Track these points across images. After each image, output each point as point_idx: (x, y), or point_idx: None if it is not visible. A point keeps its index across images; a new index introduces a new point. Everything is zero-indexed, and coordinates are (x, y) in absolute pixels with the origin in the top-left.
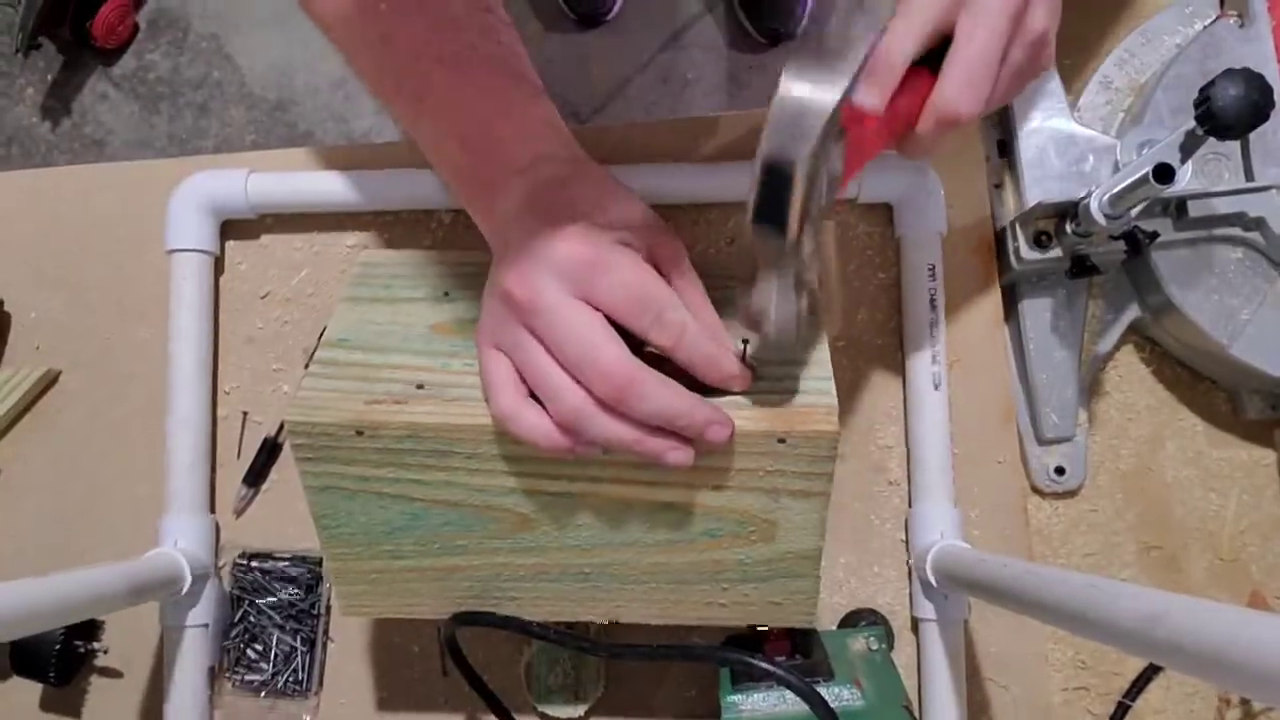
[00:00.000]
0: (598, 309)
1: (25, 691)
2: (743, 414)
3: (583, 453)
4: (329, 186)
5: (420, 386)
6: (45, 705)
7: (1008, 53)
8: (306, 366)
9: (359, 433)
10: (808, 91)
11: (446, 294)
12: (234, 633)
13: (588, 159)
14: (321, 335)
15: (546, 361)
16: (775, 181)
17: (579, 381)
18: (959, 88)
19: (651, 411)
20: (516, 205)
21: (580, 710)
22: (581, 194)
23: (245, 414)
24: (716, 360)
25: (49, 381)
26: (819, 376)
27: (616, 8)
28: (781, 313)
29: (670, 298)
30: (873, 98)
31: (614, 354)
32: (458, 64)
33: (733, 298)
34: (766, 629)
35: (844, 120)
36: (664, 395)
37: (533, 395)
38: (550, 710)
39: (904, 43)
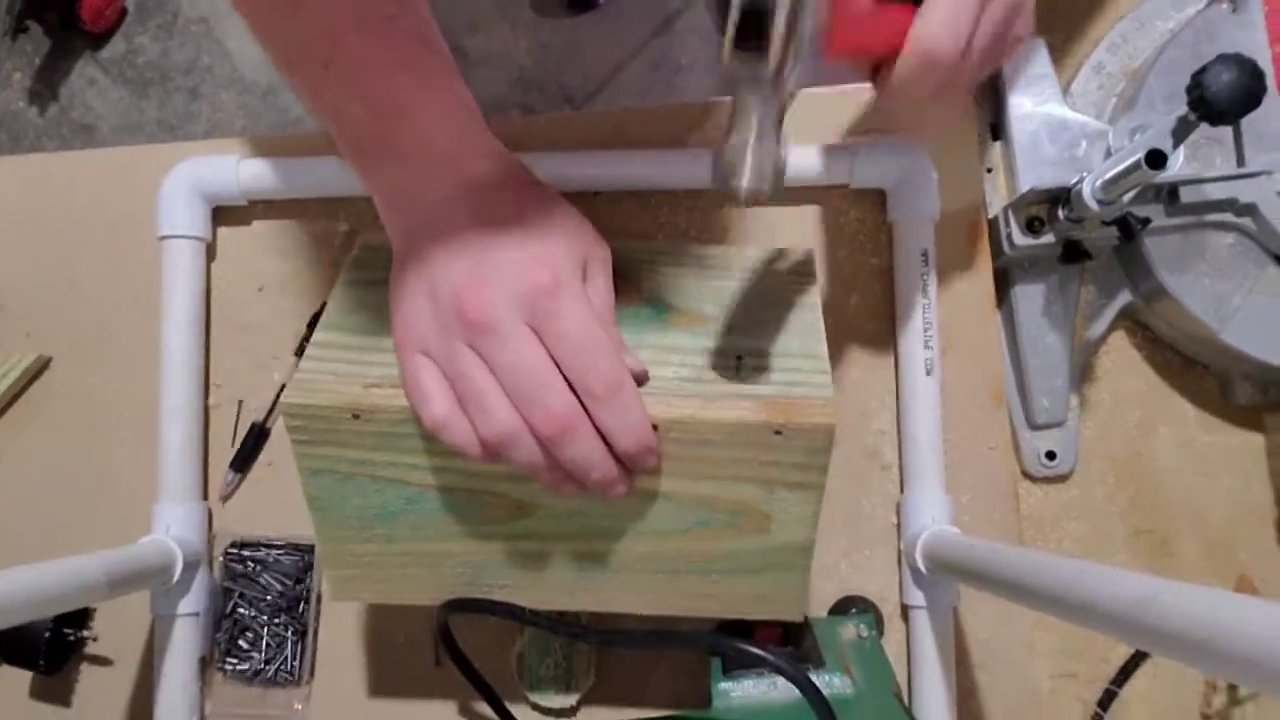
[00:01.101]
0: (544, 344)
1: (14, 679)
2: (739, 405)
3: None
4: (321, 172)
5: None
6: (35, 693)
7: (987, 1)
8: (297, 353)
9: (355, 416)
10: None
11: None
12: (225, 621)
13: (513, 156)
14: (312, 322)
15: (485, 380)
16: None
17: (518, 409)
18: (939, 21)
19: (576, 458)
20: (450, 198)
21: (572, 700)
22: (529, 204)
23: (240, 402)
24: (639, 426)
25: (40, 368)
26: (816, 369)
27: None
28: (758, 158)
29: (613, 350)
30: None
31: (561, 396)
32: (373, 31)
33: (722, 289)
34: None
35: None
36: (592, 446)
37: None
38: (541, 700)
39: None
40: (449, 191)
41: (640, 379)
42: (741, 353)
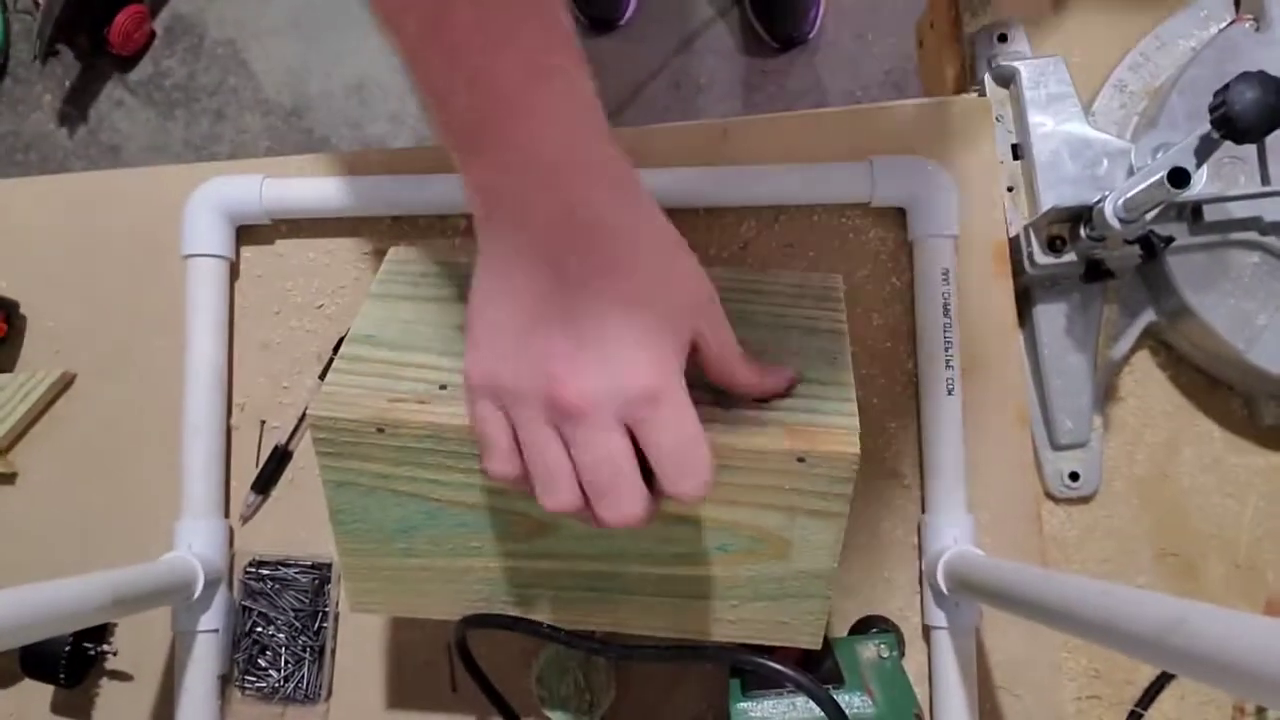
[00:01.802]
0: (636, 438)
1: (36, 693)
2: (763, 431)
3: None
4: (344, 192)
5: (443, 387)
6: (56, 708)
7: None
8: (321, 377)
9: (380, 430)
10: None
11: None
12: (244, 640)
13: (632, 172)
14: (337, 346)
15: (558, 462)
16: None
17: (584, 494)
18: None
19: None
20: (555, 223)
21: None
22: (646, 255)
23: (263, 422)
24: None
25: (65, 384)
26: (842, 397)
27: (630, 11)
28: None
29: (704, 457)
30: None
31: (637, 498)
32: (486, 1)
33: (749, 313)
34: None
35: None
36: (648, 519)
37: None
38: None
39: None
40: (553, 214)
41: (792, 385)
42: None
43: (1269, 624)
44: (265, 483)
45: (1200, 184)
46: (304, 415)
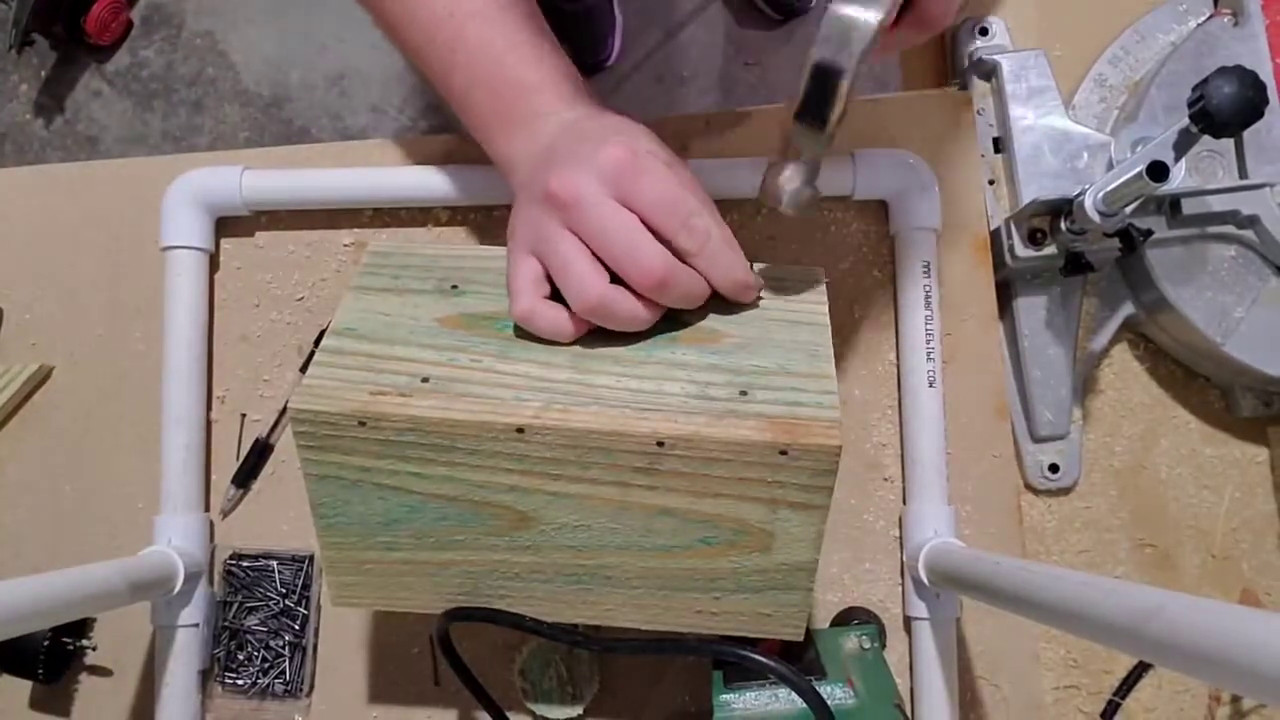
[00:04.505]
0: (633, 211)
1: (13, 689)
2: (746, 423)
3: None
4: (324, 183)
5: (425, 380)
6: (34, 704)
7: None
8: (302, 370)
9: (361, 423)
10: (856, 10)
11: (455, 287)
12: (224, 634)
13: (609, 107)
14: (318, 339)
15: (571, 249)
16: (822, 85)
17: (619, 274)
18: (940, 5)
19: (679, 296)
20: (551, 135)
21: (574, 712)
22: (615, 123)
23: (243, 415)
24: (734, 267)
25: (42, 378)
26: (824, 390)
27: (615, 53)
28: (802, 194)
29: (698, 206)
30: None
31: (652, 248)
32: (489, 20)
33: (731, 306)
34: None
35: None
36: (692, 283)
37: (553, 296)
38: (545, 712)
39: None
40: (554, 132)
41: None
42: (750, 371)
43: (1244, 613)
44: (246, 476)
45: (1179, 178)
46: (285, 408)
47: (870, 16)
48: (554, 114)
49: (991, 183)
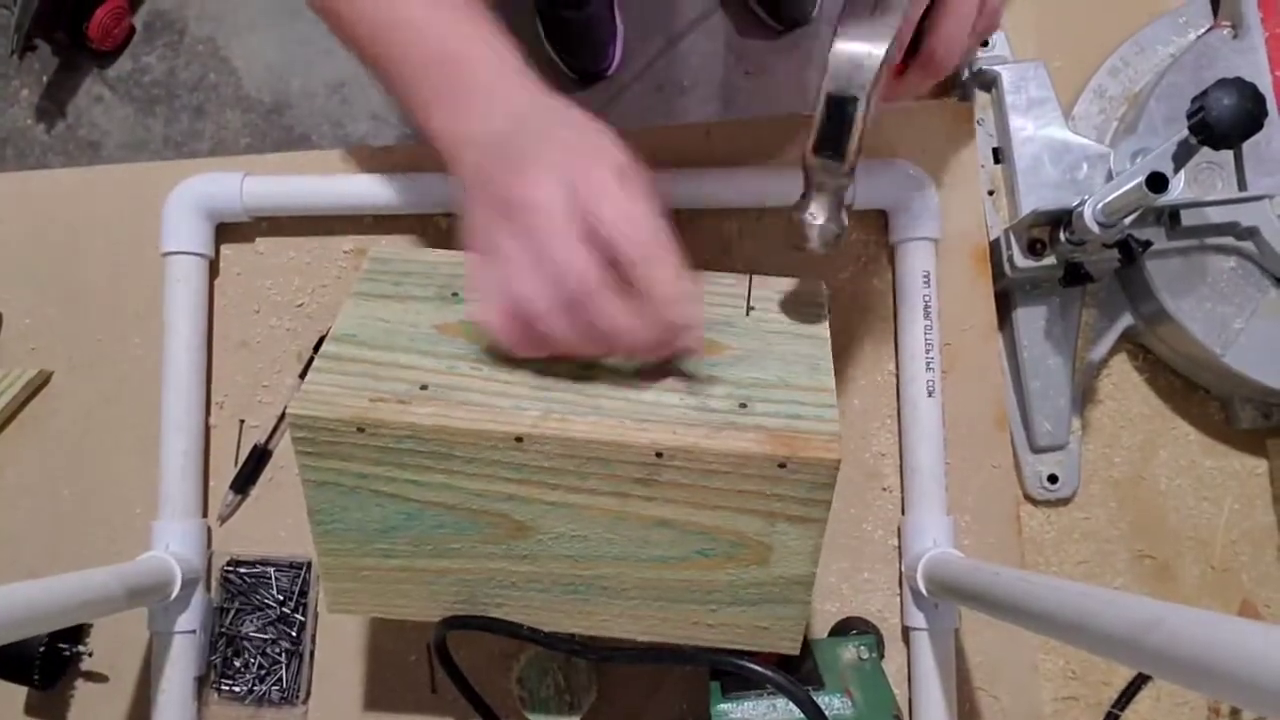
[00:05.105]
0: (586, 223)
1: (10, 694)
2: (745, 436)
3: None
4: (324, 190)
5: (424, 387)
6: (30, 709)
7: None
8: (302, 376)
9: (360, 430)
10: (863, 43)
11: (455, 294)
12: (221, 640)
13: (552, 91)
14: (318, 345)
15: (511, 248)
16: (838, 116)
17: (541, 273)
18: (946, 44)
19: (602, 320)
20: (502, 130)
21: None
22: (575, 126)
23: (242, 421)
24: (674, 305)
25: (41, 383)
26: (823, 404)
27: (616, 62)
28: (828, 231)
29: (646, 221)
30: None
31: (583, 256)
32: (435, 4)
33: (731, 318)
34: None
35: None
36: (617, 306)
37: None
38: None
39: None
40: (501, 125)
41: (683, 352)
42: (750, 383)
43: (1244, 626)
44: (244, 482)
45: (1178, 189)
46: (284, 414)
47: (876, 49)
48: (504, 96)
49: (991, 193)
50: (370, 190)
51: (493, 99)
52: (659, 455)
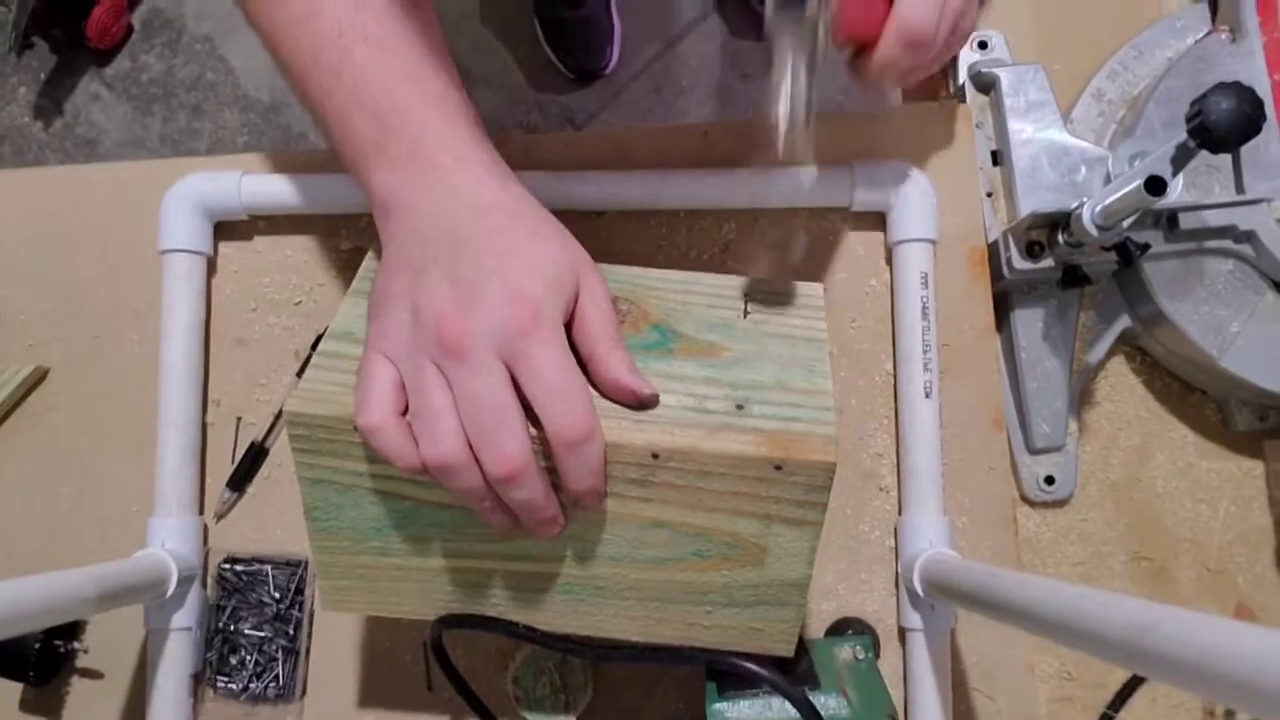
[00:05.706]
0: (515, 380)
1: (5, 692)
2: (741, 437)
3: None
4: (322, 189)
5: None
6: (25, 706)
7: None
8: (299, 374)
9: (356, 427)
10: None
11: None
12: (217, 638)
13: (509, 172)
14: (315, 343)
15: (443, 403)
16: None
17: (470, 441)
18: (918, 7)
19: (519, 499)
20: (443, 210)
21: None
22: (522, 229)
23: (239, 419)
24: (594, 479)
25: (38, 379)
26: (820, 406)
27: (613, 62)
28: (794, 120)
29: (585, 397)
30: None
31: (518, 439)
32: (382, 46)
33: (728, 320)
34: None
35: None
36: (538, 490)
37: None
38: None
39: None
40: (441, 203)
41: (650, 403)
42: (746, 385)
43: (1240, 628)
44: (240, 480)
45: (1176, 192)
46: (280, 412)
47: None
48: (448, 171)
49: (990, 195)
50: None
51: (436, 176)
52: (655, 456)
